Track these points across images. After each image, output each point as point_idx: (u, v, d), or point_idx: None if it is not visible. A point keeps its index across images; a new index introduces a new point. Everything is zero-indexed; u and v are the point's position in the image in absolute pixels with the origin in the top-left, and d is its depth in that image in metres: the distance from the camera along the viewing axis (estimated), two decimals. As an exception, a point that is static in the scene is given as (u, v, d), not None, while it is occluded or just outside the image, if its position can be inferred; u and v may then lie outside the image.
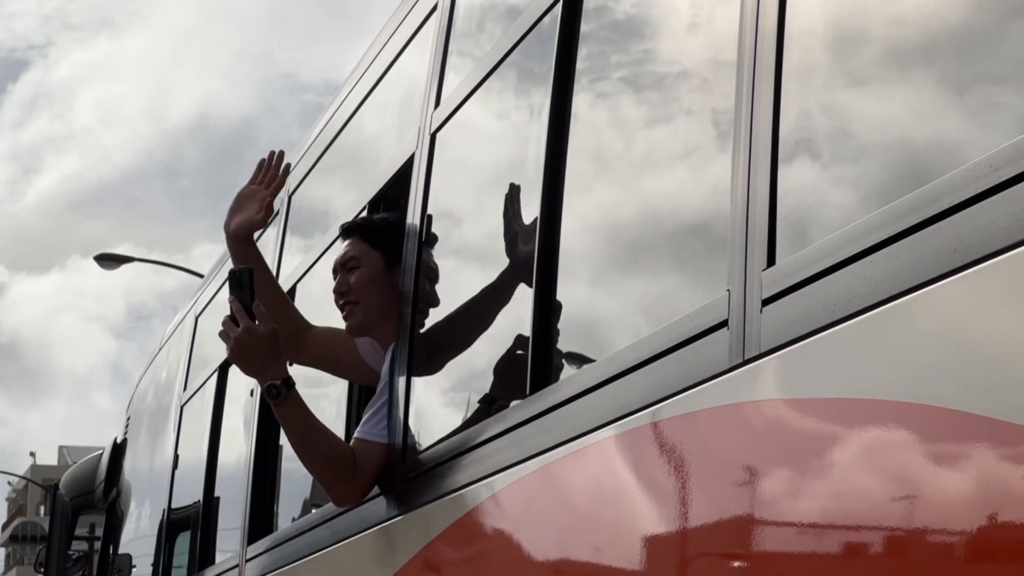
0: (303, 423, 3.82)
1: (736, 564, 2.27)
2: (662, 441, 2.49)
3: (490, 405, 3.42)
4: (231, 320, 3.81)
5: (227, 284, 3.88)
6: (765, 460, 2.22)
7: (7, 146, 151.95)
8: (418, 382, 3.81)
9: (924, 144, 2.05)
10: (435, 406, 3.83)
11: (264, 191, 4.25)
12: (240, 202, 4.26)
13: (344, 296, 4.09)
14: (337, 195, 5.09)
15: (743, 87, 2.36)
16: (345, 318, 4.12)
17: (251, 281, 3.86)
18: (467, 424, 3.47)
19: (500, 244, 3.50)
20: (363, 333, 4.14)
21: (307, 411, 3.85)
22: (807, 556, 2.10)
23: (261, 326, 3.80)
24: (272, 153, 4.32)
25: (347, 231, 4.19)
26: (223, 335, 3.83)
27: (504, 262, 3.47)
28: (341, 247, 4.17)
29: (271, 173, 4.29)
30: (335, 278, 4.14)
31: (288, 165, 4.33)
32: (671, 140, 2.76)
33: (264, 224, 4.30)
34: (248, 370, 3.87)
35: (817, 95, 2.26)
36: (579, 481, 2.79)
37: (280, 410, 3.81)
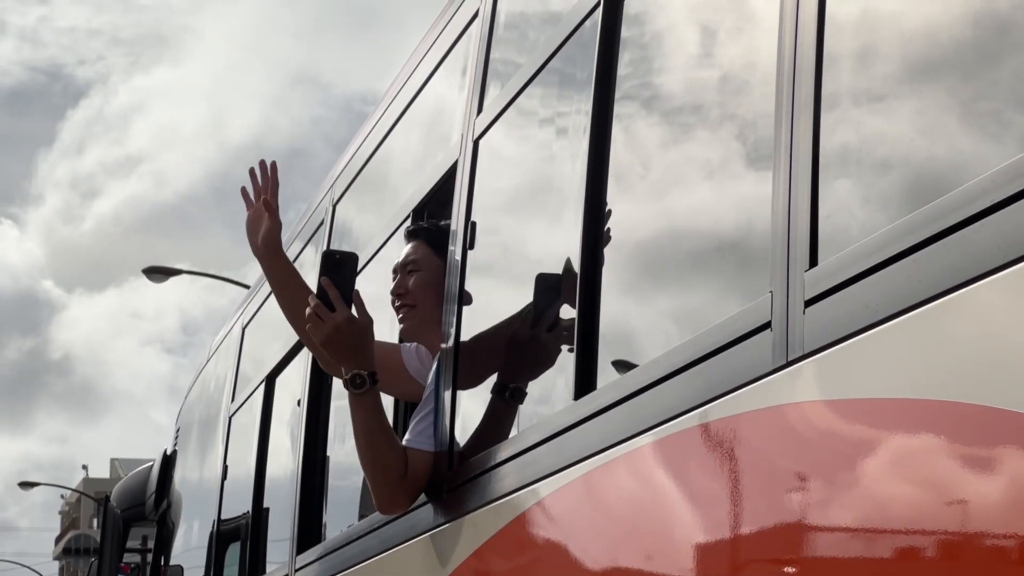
0: (375, 420, 3.81)
1: (783, 569, 2.26)
2: (706, 444, 2.48)
3: (535, 411, 3.42)
4: (322, 304, 3.79)
5: (321, 266, 3.86)
6: (810, 463, 2.21)
7: (66, 173, 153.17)
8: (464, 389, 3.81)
9: (967, 142, 2.03)
10: (481, 413, 3.82)
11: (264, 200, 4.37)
12: (252, 225, 4.37)
13: (401, 298, 4.13)
14: (381, 203, 5.10)
15: (784, 89, 2.35)
16: (400, 321, 4.16)
17: (352, 268, 3.88)
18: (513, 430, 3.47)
19: (544, 249, 3.49)
20: (415, 337, 4.17)
21: (381, 409, 3.85)
22: (854, 560, 2.09)
23: (360, 315, 3.82)
24: (252, 169, 4.42)
25: (412, 233, 4.23)
26: (312, 317, 3.80)
27: (547, 267, 3.47)
28: (403, 249, 4.20)
29: (262, 182, 4.40)
30: (394, 279, 4.16)
31: (275, 163, 4.42)
32: (712, 143, 2.75)
33: (278, 224, 4.35)
34: (337, 356, 3.84)
35: (858, 94, 2.25)
36: (624, 486, 2.78)
37: (358, 401, 3.80)
